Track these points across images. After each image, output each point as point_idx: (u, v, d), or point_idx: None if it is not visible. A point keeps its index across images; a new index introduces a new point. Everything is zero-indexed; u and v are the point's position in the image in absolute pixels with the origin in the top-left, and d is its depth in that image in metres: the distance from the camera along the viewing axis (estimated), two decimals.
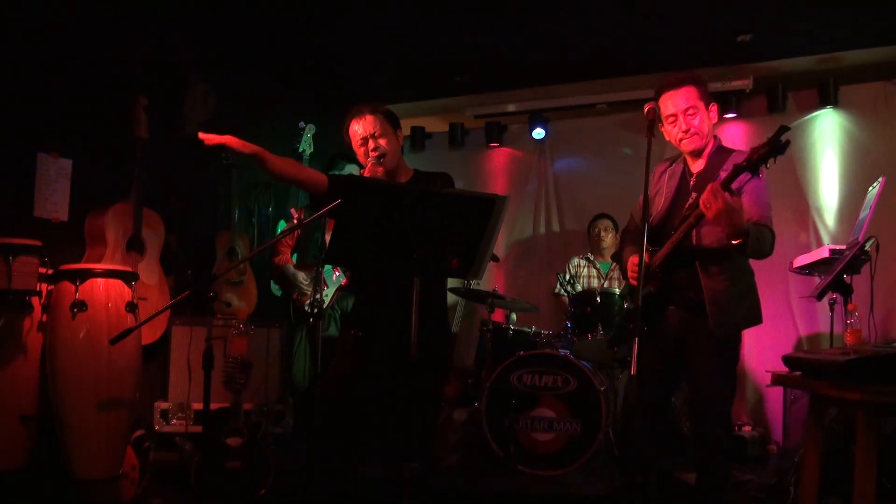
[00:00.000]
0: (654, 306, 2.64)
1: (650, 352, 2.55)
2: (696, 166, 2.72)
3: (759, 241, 2.46)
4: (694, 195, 2.59)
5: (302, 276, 4.32)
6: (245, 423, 3.33)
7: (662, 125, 2.73)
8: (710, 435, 2.60)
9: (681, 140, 2.67)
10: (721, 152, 2.70)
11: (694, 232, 2.57)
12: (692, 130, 2.64)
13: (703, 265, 2.56)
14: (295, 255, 4.48)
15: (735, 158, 2.55)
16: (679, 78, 2.66)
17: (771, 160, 2.33)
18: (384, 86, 5.59)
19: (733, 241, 2.41)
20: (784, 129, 2.31)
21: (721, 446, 2.63)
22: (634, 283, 2.63)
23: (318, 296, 3.82)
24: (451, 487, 3.61)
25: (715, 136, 2.74)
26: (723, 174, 2.48)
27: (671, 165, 2.83)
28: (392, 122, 2.76)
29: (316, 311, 3.84)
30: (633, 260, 2.69)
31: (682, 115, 2.63)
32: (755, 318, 2.67)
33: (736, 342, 2.67)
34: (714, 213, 2.32)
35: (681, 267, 2.60)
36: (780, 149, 2.31)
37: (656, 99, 2.70)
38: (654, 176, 2.84)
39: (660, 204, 2.74)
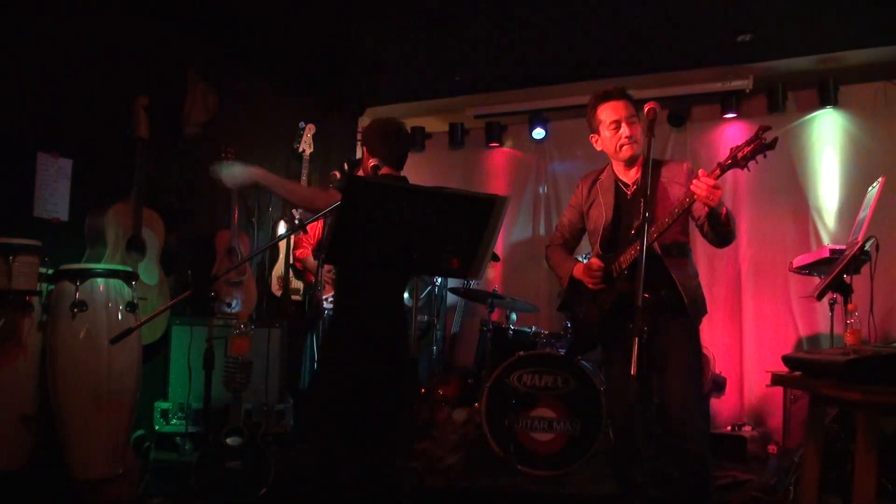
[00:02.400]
0: (624, 308, 2.63)
1: (624, 354, 2.54)
2: (630, 176, 2.80)
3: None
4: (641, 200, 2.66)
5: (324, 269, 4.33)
6: (245, 423, 3.33)
7: (597, 135, 2.81)
8: (691, 424, 2.59)
9: (622, 146, 2.74)
10: (652, 163, 2.77)
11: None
12: (634, 137, 2.73)
13: (671, 263, 2.66)
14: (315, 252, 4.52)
15: (672, 170, 2.71)
16: (619, 89, 2.78)
17: (760, 156, 2.37)
18: (384, 86, 5.59)
19: (720, 219, 2.52)
20: (764, 128, 2.36)
21: (704, 433, 2.67)
22: (598, 286, 2.71)
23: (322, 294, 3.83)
24: (451, 487, 3.61)
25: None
26: (703, 172, 2.48)
27: (597, 179, 2.90)
28: (364, 135, 2.94)
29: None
30: (591, 262, 2.73)
31: (625, 122, 2.73)
32: (706, 308, 2.79)
33: (699, 333, 2.77)
34: (717, 199, 2.41)
35: (648, 268, 2.62)
36: (769, 146, 2.35)
37: (595, 107, 2.79)
38: (580, 190, 2.93)
39: (602, 215, 2.80)
